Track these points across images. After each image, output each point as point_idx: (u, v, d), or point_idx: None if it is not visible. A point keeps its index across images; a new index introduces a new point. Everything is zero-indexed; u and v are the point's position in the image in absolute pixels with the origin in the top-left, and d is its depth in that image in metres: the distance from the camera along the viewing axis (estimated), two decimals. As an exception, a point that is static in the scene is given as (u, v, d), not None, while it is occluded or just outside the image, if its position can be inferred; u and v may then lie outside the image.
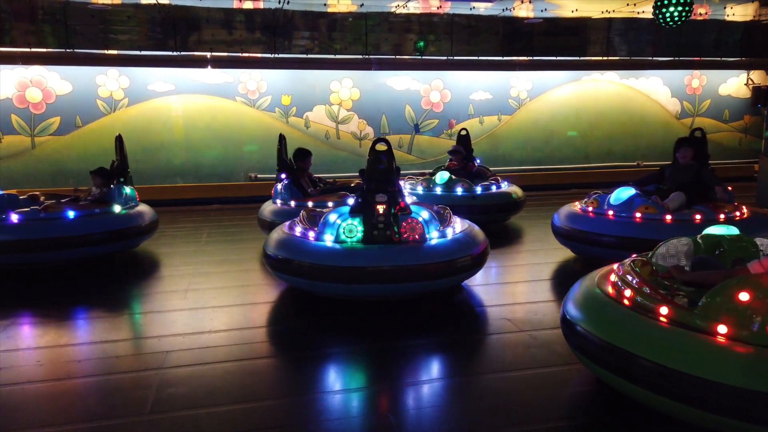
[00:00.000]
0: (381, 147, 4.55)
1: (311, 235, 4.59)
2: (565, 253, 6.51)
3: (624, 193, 5.56)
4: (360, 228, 4.44)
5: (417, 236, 4.47)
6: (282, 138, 7.20)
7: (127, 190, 6.45)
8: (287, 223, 5.11)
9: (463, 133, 8.50)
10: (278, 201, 6.75)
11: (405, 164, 10.93)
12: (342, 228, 4.45)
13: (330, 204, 6.34)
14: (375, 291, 4.43)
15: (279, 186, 6.82)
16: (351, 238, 4.44)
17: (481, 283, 5.21)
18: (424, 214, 4.63)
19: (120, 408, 3.06)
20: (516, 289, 5.28)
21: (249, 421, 2.93)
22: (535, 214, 8.61)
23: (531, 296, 4.99)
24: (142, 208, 6.54)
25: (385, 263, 4.27)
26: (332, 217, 4.56)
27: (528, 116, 12.08)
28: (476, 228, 4.97)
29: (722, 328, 2.51)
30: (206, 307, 4.75)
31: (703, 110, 13.06)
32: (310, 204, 6.36)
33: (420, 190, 7.62)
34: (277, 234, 4.87)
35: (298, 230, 4.75)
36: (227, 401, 3.11)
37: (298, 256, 4.44)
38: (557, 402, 3.09)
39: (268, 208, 6.78)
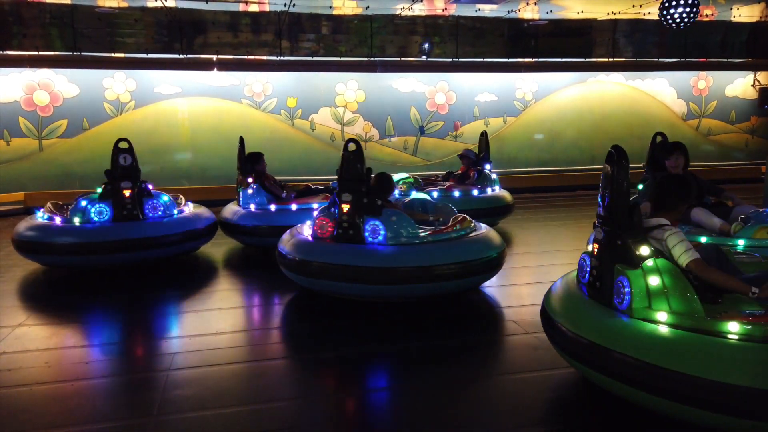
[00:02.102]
0: (351, 147, 4.62)
1: (306, 231, 4.82)
2: (571, 256, 6.50)
3: None
4: (331, 225, 4.62)
5: (378, 239, 4.49)
6: (241, 140, 7.01)
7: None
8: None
9: (482, 137, 8.32)
10: (252, 205, 6.41)
11: (410, 166, 10.93)
12: (316, 225, 4.68)
13: (315, 205, 6.24)
14: (341, 288, 4.52)
15: (249, 190, 6.49)
16: (323, 234, 4.62)
17: (487, 285, 5.20)
18: (393, 219, 4.52)
19: (127, 409, 3.08)
20: (522, 291, 5.27)
21: (256, 422, 2.93)
22: (541, 216, 8.59)
23: (537, 298, 4.95)
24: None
25: (334, 261, 4.38)
26: (315, 213, 4.83)
27: (533, 118, 12.07)
28: (481, 235, 4.76)
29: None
30: (213, 309, 4.76)
31: (710, 111, 13.01)
32: (293, 207, 6.29)
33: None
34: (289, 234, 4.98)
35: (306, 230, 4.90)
36: (234, 403, 3.12)
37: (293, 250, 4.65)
38: (564, 404, 3.08)
39: (240, 212, 6.41)
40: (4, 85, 9.66)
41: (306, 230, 4.86)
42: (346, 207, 4.50)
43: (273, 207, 6.33)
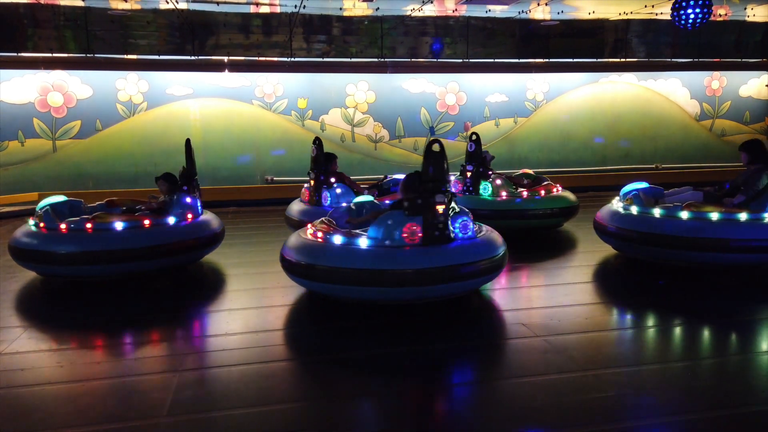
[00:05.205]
0: (436, 148, 4.62)
1: (364, 241, 4.48)
2: (580, 258, 6.47)
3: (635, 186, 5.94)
4: (418, 229, 4.48)
5: (468, 234, 4.63)
6: (319, 141, 7.09)
7: (189, 199, 5.89)
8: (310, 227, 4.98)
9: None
10: (344, 204, 6.19)
11: (419, 167, 10.89)
12: (402, 230, 4.46)
13: (388, 202, 6.28)
14: (443, 291, 4.53)
15: (338, 190, 6.66)
16: (413, 240, 4.46)
17: (496, 288, 5.19)
18: (467, 214, 4.76)
19: (138, 410, 3.10)
20: (531, 293, 5.25)
21: (265, 424, 2.95)
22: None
23: (547, 301, 4.96)
24: (204, 218, 6.07)
25: (467, 259, 4.44)
26: (388, 220, 4.51)
27: (544, 118, 12.01)
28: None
29: None
30: (222, 310, 4.79)
31: (723, 112, 12.88)
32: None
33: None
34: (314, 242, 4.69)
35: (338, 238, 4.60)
36: (244, 404, 3.14)
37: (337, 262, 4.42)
38: (573, 408, 3.06)
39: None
40: (19, 86, 9.77)
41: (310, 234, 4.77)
42: (441, 208, 4.48)
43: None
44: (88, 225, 5.27)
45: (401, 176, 7.50)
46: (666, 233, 5.43)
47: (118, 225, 5.31)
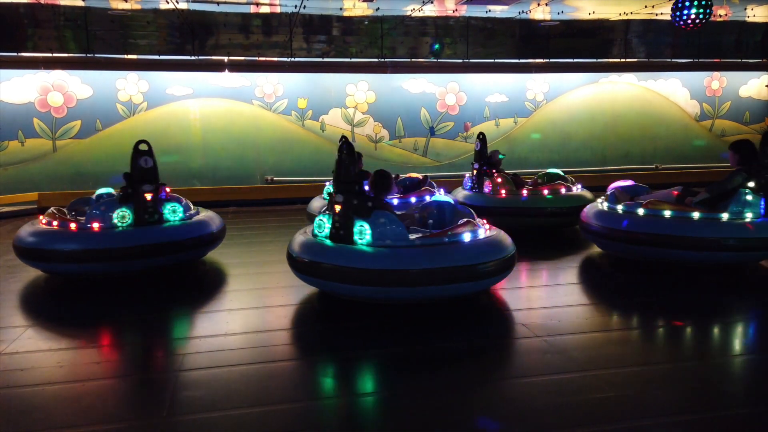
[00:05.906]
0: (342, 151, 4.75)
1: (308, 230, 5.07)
2: (580, 258, 6.47)
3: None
4: (328, 225, 4.75)
5: (366, 240, 4.53)
6: (346, 140, 7.10)
7: (103, 208, 5.54)
8: None
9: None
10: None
11: (420, 167, 10.92)
12: (315, 223, 4.86)
13: (413, 200, 6.64)
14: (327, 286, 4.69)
15: (366, 187, 6.74)
16: (321, 233, 4.78)
17: (496, 287, 5.19)
18: (381, 220, 4.52)
19: (138, 410, 3.11)
20: (532, 293, 5.25)
21: (265, 424, 2.95)
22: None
23: (547, 301, 4.96)
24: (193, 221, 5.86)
25: (322, 260, 4.54)
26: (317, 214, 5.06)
27: (544, 119, 12.01)
28: (475, 241, 4.62)
29: None
30: (222, 310, 4.79)
31: (723, 112, 12.88)
32: (395, 201, 6.54)
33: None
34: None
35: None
36: (244, 404, 3.14)
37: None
38: (572, 409, 3.07)
39: None
40: (19, 86, 9.78)
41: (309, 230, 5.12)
42: (338, 208, 4.66)
43: (396, 201, 6.56)
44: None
45: (417, 176, 7.66)
46: (622, 229, 5.59)
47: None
